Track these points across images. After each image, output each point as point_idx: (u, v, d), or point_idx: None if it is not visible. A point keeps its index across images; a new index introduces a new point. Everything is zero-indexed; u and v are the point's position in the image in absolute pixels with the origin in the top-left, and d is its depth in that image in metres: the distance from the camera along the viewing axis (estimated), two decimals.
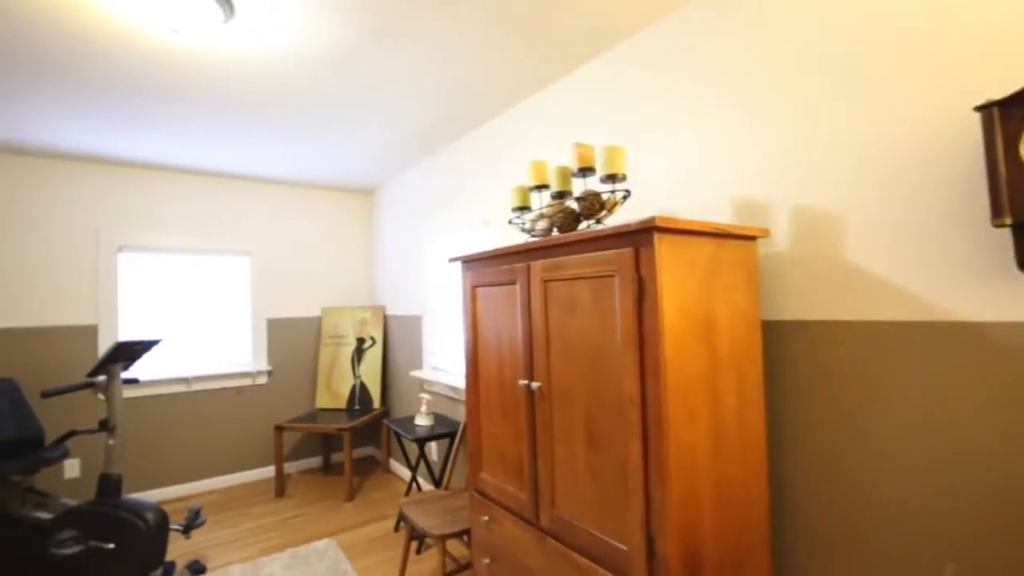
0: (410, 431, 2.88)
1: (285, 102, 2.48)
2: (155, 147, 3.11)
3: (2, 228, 3.13)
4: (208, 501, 3.56)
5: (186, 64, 2.07)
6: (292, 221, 4.19)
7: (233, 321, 3.93)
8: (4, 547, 2.45)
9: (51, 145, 3.01)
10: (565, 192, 1.66)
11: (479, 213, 2.88)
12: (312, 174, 3.84)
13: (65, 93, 2.31)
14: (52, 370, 3.25)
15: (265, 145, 3.12)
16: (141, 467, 3.52)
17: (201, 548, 2.87)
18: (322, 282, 4.33)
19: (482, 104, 2.55)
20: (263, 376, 4.00)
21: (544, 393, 1.51)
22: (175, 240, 3.67)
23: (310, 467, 4.20)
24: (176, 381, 3.63)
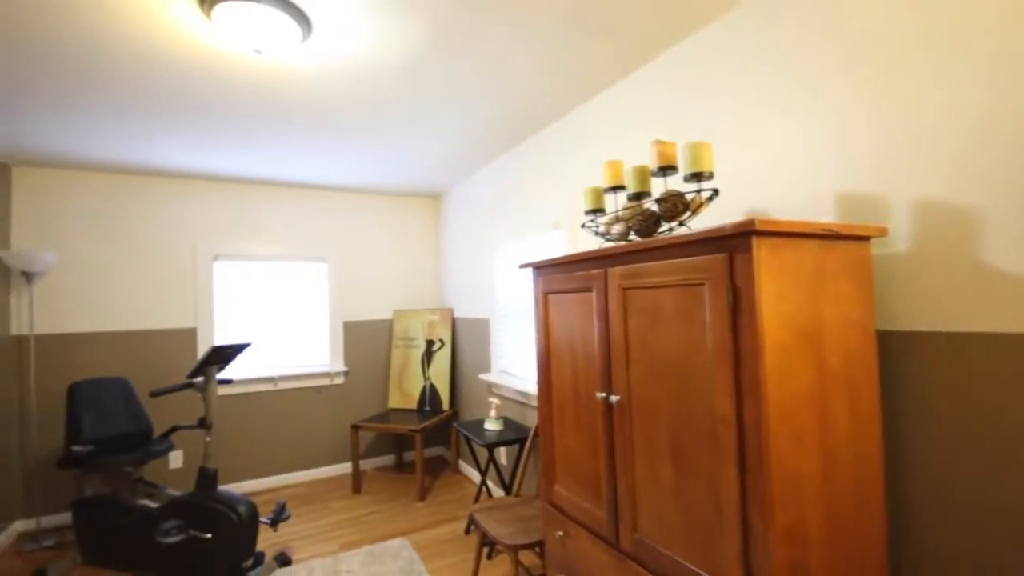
0: (480, 436, 2.87)
1: (357, 113, 2.54)
2: (243, 163, 3.32)
3: (116, 240, 3.48)
4: (291, 494, 3.77)
5: (269, 84, 2.17)
6: (364, 227, 4.35)
7: (313, 324, 4.14)
8: (118, 532, 2.71)
9: (155, 164, 3.31)
10: (643, 193, 1.56)
11: (547, 215, 2.82)
12: (382, 181, 3.95)
13: (167, 118, 2.51)
14: (157, 369, 3.57)
15: (339, 155, 3.24)
16: (232, 460, 3.78)
17: (286, 540, 3.02)
18: (393, 285, 4.45)
19: (549, 104, 2.49)
20: (340, 376, 4.17)
21: (624, 407, 1.42)
22: (261, 248, 3.92)
23: (383, 465, 4.34)
24: (263, 380, 3.87)
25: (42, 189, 3.30)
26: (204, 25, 1.70)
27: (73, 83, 2.11)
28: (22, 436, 3.21)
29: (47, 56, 1.89)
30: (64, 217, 3.35)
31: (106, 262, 3.44)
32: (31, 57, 1.89)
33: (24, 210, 3.25)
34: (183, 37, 1.78)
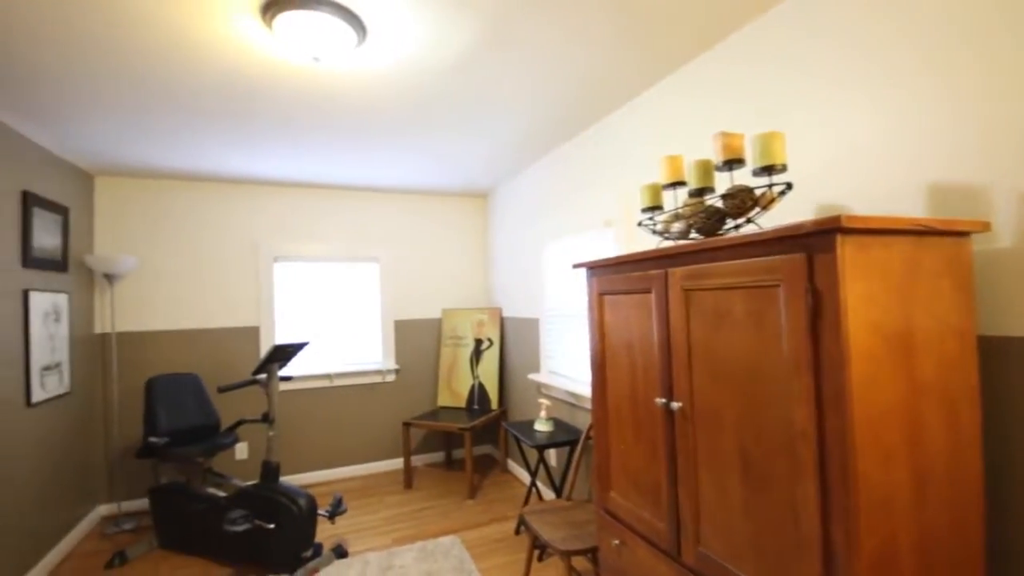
0: (530, 437, 2.85)
1: (408, 115, 2.57)
2: (299, 167, 3.44)
3: (186, 243, 3.69)
4: (346, 488, 3.88)
5: (325, 90, 2.23)
6: (414, 227, 4.41)
7: (366, 323, 4.25)
8: (190, 519, 2.87)
9: (220, 171, 3.48)
10: (705, 189, 1.48)
11: (598, 213, 2.75)
12: (430, 181, 4.00)
13: (231, 128, 2.63)
14: (224, 365, 3.77)
15: (389, 157, 3.30)
16: (291, 453, 3.94)
17: (343, 532, 3.12)
18: (442, 285, 4.50)
19: (602, 98, 2.42)
20: (392, 374, 4.27)
21: (686, 415, 1.35)
22: (317, 249, 4.06)
23: (434, 461, 4.40)
24: (320, 377, 4.01)
25: (121, 197, 3.55)
26: (265, 36, 1.76)
27: (148, 99, 2.25)
28: (105, 427, 3.47)
29: (125, 75, 2.01)
30: (141, 223, 3.59)
31: (178, 264, 3.67)
32: (111, 76, 2.02)
33: (106, 217, 3.51)
34: (245, 50, 1.84)
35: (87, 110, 2.38)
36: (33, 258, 2.67)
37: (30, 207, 2.64)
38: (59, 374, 2.91)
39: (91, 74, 2.01)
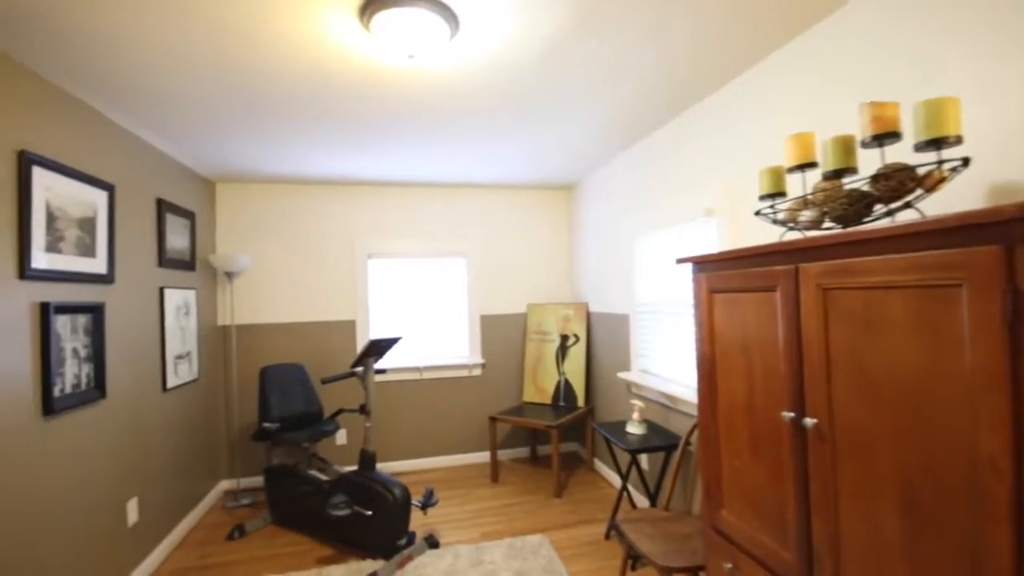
0: (622, 439, 2.72)
1: (496, 108, 2.53)
2: (390, 166, 3.55)
3: (292, 242, 3.96)
4: (435, 478, 3.99)
5: (416, 89, 2.24)
6: (499, 222, 4.41)
7: (454, 317, 4.33)
8: (299, 499, 3.08)
9: (320, 173, 3.68)
10: (845, 170, 1.27)
11: (698, 202, 2.54)
12: (516, 175, 3.95)
13: (330, 132, 2.75)
14: (324, 356, 4.01)
15: (477, 152, 3.29)
16: (384, 441, 4.12)
17: (434, 523, 3.19)
18: (527, 279, 4.46)
19: (701, 77, 2.22)
20: (478, 368, 4.31)
21: (823, 433, 1.17)
22: (407, 246, 4.18)
23: (519, 456, 4.39)
24: (410, 370, 4.15)
25: (238, 201, 3.88)
26: (362, 38, 1.78)
27: (255, 110, 2.40)
28: (227, 410, 3.83)
29: (235, 90, 2.15)
30: (254, 224, 3.90)
31: (285, 262, 3.95)
32: (224, 92, 2.17)
33: (225, 219, 3.86)
34: (342, 55, 1.89)
35: (206, 123, 2.59)
36: (167, 259, 2.98)
37: (164, 213, 2.95)
38: (189, 362, 3.24)
39: (207, 91, 2.18)
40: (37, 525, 1.89)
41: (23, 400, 1.85)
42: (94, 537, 2.23)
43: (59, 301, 2.03)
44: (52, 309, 1.97)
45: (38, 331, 1.93)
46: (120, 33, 1.72)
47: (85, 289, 2.23)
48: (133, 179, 2.67)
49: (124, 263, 2.56)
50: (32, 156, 1.88)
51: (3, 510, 1.74)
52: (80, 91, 2.16)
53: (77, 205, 2.16)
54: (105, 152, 2.42)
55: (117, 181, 2.51)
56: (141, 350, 2.69)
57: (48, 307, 1.95)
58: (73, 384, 2.11)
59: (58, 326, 2.02)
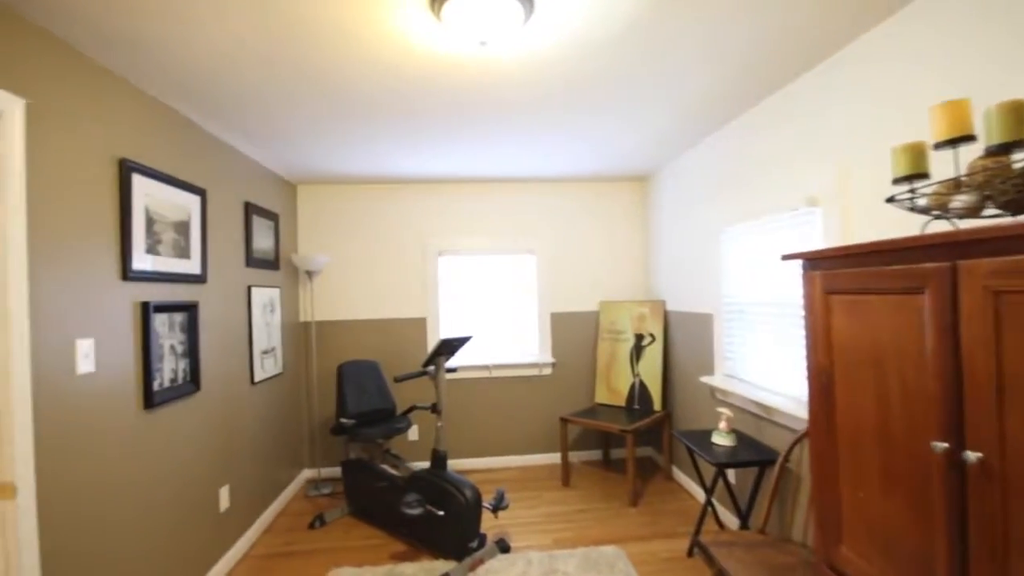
0: (707, 451, 2.50)
1: (569, 96, 2.39)
2: (459, 162, 3.51)
3: (367, 241, 4.06)
4: (504, 478, 3.93)
5: (487, 80, 2.15)
6: (569, 217, 4.26)
7: (523, 315, 4.24)
8: (374, 493, 3.13)
9: (393, 172, 3.73)
10: (1016, 143, 1.01)
11: (798, 190, 2.26)
12: (587, 167, 3.78)
13: (401, 131, 2.75)
14: (396, 353, 4.07)
15: (548, 144, 3.17)
16: (453, 439, 4.12)
17: (504, 526, 3.13)
18: (599, 276, 4.28)
19: (800, 51, 1.95)
20: (548, 368, 4.20)
21: (990, 471, 0.94)
22: (476, 243, 4.15)
23: (590, 459, 4.24)
24: (479, 368, 4.12)
25: (317, 202, 4.03)
26: (432, 28, 1.72)
27: (331, 113, 2.43)
28: (308, 401, 4.00)
29: (312, 94, 2.18)
30: (332, 224, 4.03)
31: (360, 261, 4.05)
32: (302, 96, 2.21)
33: (306, 220, 4.02)
34: (412, 48, 1.84)
35: (287, 127, 2.67)
36: (253, 259, 3.13)
37: (251, 215, 3.10)
38: (274, 357, 3.40)
39: (287, 96, 2.22)
40: (141, 510, 2.03)
41: (128, 394, 1.98)
42: (191, 522, 2.37)
43: (158, 300, 2.15)
44: (152, 308, 2.10)
45: (140, 329, 2.06)
46: (206, 42, 1.77)
47: (181, 289, 2.36)
48: (223, 184, 2.81)
49: (215, 263, 2.70)
50: (132, 164, 2.00)
51: (113, 496, 1.87)
52: (173, 100, 2.28)
53: (173, 209, 2.28)
54: (197, 158, 2.56)
55: (208, 186, 2.65)
56: (231, 346, 2.84)
57: (148, 306, 2.08)
58: (171, 378, 2.24)
59: (157, 324, 2.15)
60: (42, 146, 1.61)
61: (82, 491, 1.72)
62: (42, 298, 1.59)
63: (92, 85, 1.84)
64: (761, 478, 2.47)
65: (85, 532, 1.73)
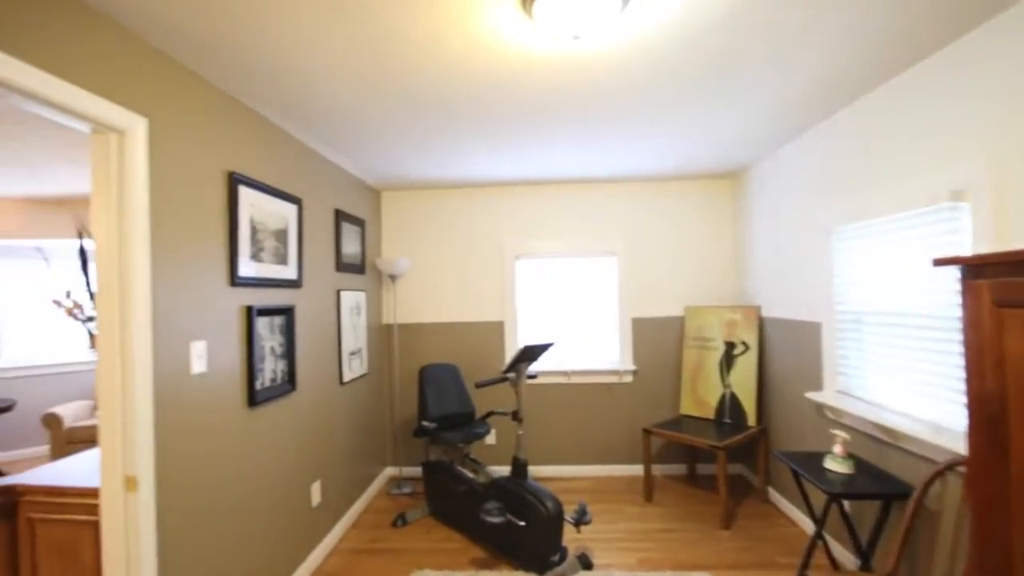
0: (819, 476, 2.23)
1: (661, 88, 2.24)
2: (540, 164, 3.45)
3: (446, 245, 4.11)
4: (582, 488, 3.80)
5: (573, 78, 2.06)
6: (652, 217, 4.05)
7: (603, 320, 4.10)
8: (454, 496, 3.14)
9: (473, 176, 3.74)
10: None
11: (938, 184, 1.95)
12: (672, 164, 3.57)
13: (483, 133, 2.73)
14: (475, 357, 4.08)
15: (633, 141, 3.02)
16: (530, 445, 4.06)
17: (585, 540, 3.01)
18: (684, 279, 4.04)
19: (936, 23, 1.66)
20: (629, 375, 4.02)
21: None
22: (555, 246, 4.06)
23: (673, 473, 4.01)
24: (558, 374, 4.03)
25: (400, 208, 4.14)
26: (523, 27, 1.66)
27: (416, 119, 2.45)
28: (390, 401, 4.12)
29: (397, 102, 2.20)
30: (414, 229, 4.13)
31: (441, 264, 4.11)
32: (388, 104, 2.24)
33: (389, 225, 4.15)
34: (499, 49, 1.79)
35: (374, 136, 2.74)
36: (342, 263, 3.26)
37: (340, 222, 3.23)
38: (360, 358, 3.52)
39: (376, 106, 2.27)
40: (244, 502, 2.15)
41: (235, 393, 2.10)
42: (286, 514, 2.49)
43: (260, 304, 2.28)
44: (255, 312, 2.22)
45: (244, 331, 2.18)
46: (304, 57, 1.83)
47: (279, 293, 2.49)
48: (316, 192, 2.95)
49: (309, 269, 2.83)
50: (238, 176, 2.12)
51: (219, 489, 1.99)
52: (273, 114, 2.41)
53: (273, 218, 2.41)
54: (294, 169, 2.69)
55: (304, 195, 2.78)
56: (322, 347, 2.97)
57: (252, 310, 2.20)
58: (271, 378, 2.37)
59: (259, 327, 2.27)
60: (161, 161, 1.74)
61: (192, 484, 1.84)
62: (162, 303, 1.72)
63: (203, 102, 1.97)
64: (888, 513, 2.16)
65: (195, 522, 1.85)
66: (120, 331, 1.56)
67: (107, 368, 1.56)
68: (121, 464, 1.56)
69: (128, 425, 1.56)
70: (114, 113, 1.53)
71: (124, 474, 1.56)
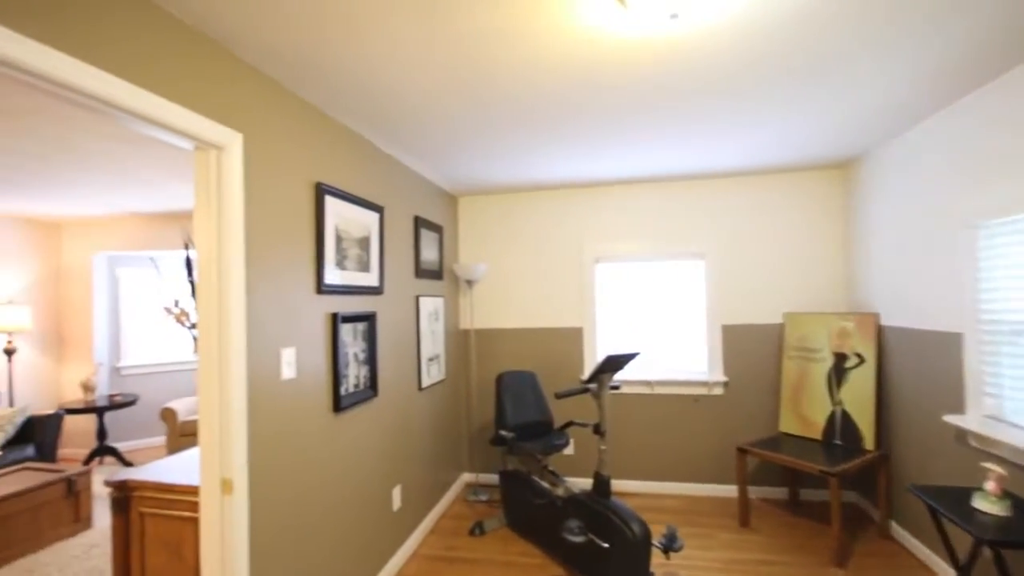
0: (966, 517, 1.87)
1: (763, 69, 2.00)
2: (620, 163, 3.27)
3: (521, 249, 4.03)
4: (665, 507, 3.55)
5: (665, 65, 1.89)
6: (745, 215, 3.72)
7: (690, 327, 3.82)
8: (532, 510, 3.03)
9: (549, 178, 3.63)
10: None
11: None
12: (770, 156, 3.24)
13: (564, 134, 2.61)
14: (553, 364, 3.96)
15: (724, 133, 2.76)
16: (609, 457, 3.86)
17: (675, 567, 2.78)
18: (782, 282, 3.66)
19: None
20: (719, 387, 3.71)
21: None
22: (637, 248, 3.85)
23: (772, 497, 3.63)
24: (639, 383, 3.80)
25: (476, 213, 4.13)
26: (615, 13, 1.52)
27: (494, 123, 2.39)
28: (467, 407, 4.11)
29: (474, 106, 2.15)
30: (490, 233, 4.10)
31: (517, 269, 4.05)
32: (466, 108, 2.19)
33: (466, 231, 4.15)
34: (585, 42, 1.67)
35: (454, 141, 2.72)
36: (421, 269, 3.28)
37: (419, 228, 3.25)
38: (438, 364, 3.53)
39: (456, 109, 2.23)
40: (329, 506, 2.18)
41: (321, 398, 2.15)
42: (369, 519, 2.52)
43: (344, 311, 2.32)
44: (340, 319, 2.26)
45: (330, 338, 2.22)
46: (386, 67, 1.83)
47: (362, 300, 2.53)
48: (396, 200, 2.98)
49: (390, 275, 2.86)
50: (325, 187, 2.17)
51: (306, 492, 2.03)
52: (356, 124, 2.45)
53: (357, 227, 2.45)
54: (375, 177, 2.73)
55: (385, 203, 2.82)
56: (402, 353, 2.99)
57: (337, 317, 2.24)
58: (354, 384, 2.40)
59: (344, 333, 2.31)
60: (254, 174, 1.80)
61: (282, 488, 1.89)
62: (255, 311, 1.77)
63: (293, 116, 2.03)
64: None
65: (284, 523, 1.89)
66: (218, 339, 1.62)
67: (206, 374, 1.62)
68: (218, 467, 1.62)
69: (224, 430, 1.61)
70: (215, 130, 1.59)
71: (221, 476, 1.62)
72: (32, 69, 1.09)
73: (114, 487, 2.00)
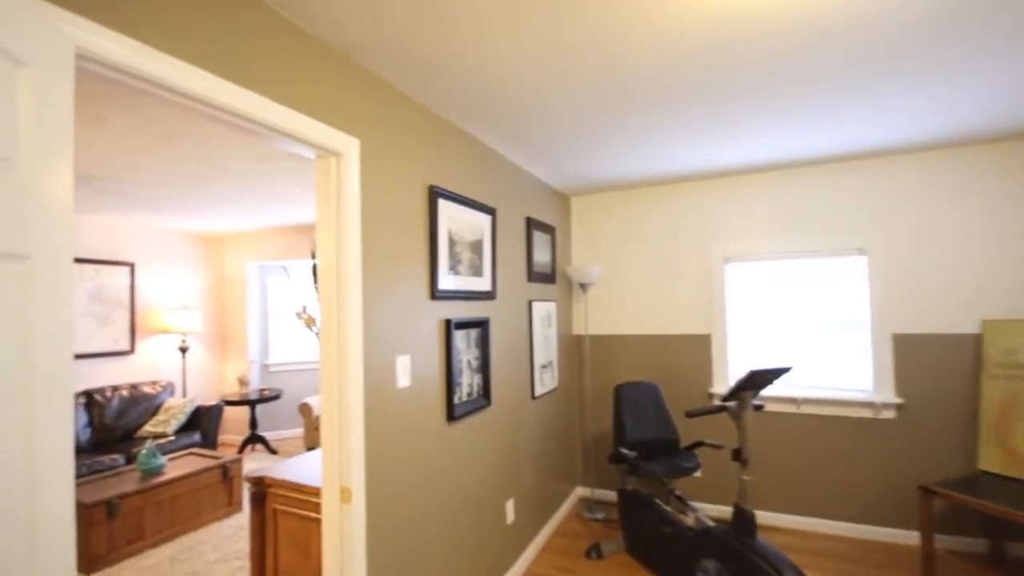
0: None
1: (941, 18, 1.53)
2: (756, 147, 2.84)
3: (640, 249, 3.72)
4: (820, 549, 3.00)
5: (815, 27, 1.53)
6: (921, 200, 3.04)
7: (846, 337, 3.22)
8: (656, 538, 2.73)
9: (671, 170, 3.29)
10: None
11: None
12: (949, 126, 2.58)
13: (681, 120, 2.30)
14: (676, 374, 3.59)
15: (886, 105, 2.23)
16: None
17: None
18: (976, 282, 2.92)
19: None
20: (889, 410, 3.07)
21: None
22: (776, 245, 3.35)
23: (965, 550, 2.91)
24: (783, 400, 3.29)
25: (590, 212, 3.92)
26: None
27: (610, 114, 2.16)
28: (581, 417, 3.90)
29: (589, 99, 1.94)
30: (606, 234, 3.85)
31: (635, 270, 3.75)
32: (598, 93, 2.00)
33: (580, 231, 3.95)
34: (716, 15, 1.39)
35: (565, 137, 2.54)
36: (534, 273, 3.15)
37: (531, 230, 3.13)
38: (551, 371, 3.37)
39: (568, 102, 2.05)
40: (442, 517, 2.12)
41: (435, 407, 2.09)
42: (482, 531, 2.42)
43: (458, 318, 2.25)
44: (453, 325, 2.19)
45: (443, 345, 2.17)
46: (499, 65, 1.71)
47: (475, 305, 2.45)
48: (508, 201, 2.88)
49: (502, 280, 2.77)
50: (438, 190, 2.12)
51: (420, 502, 1.98)
52: (468, 124, 2.38)
53: (469, 230, 2.38)
54: (487, 179, 2.65)
55: (497, 204, 2.73)
56: (515, 360, 2.88)
57: (450, 323, 2.18)
58: (468, 392, 2.33)
59: (457, 340, 2.25)
60: (369, 179, 1.78)
61: (397, 497, 1.85)
62: (372, 318, 1.75)
63: (407, 119, 2.00)
64: None
65: (399, 533, 1.85)
66: (337, 347, 1.61)
67: (327, 382, 1.62)
68: (338, 475, 1.60)
69: (344, 438, 1.60)
70: (335, 138, 1.59)
71: (341, 485, 1.60)
72: (179, 88, 1.13)
73: (252, 482, 2.13)
